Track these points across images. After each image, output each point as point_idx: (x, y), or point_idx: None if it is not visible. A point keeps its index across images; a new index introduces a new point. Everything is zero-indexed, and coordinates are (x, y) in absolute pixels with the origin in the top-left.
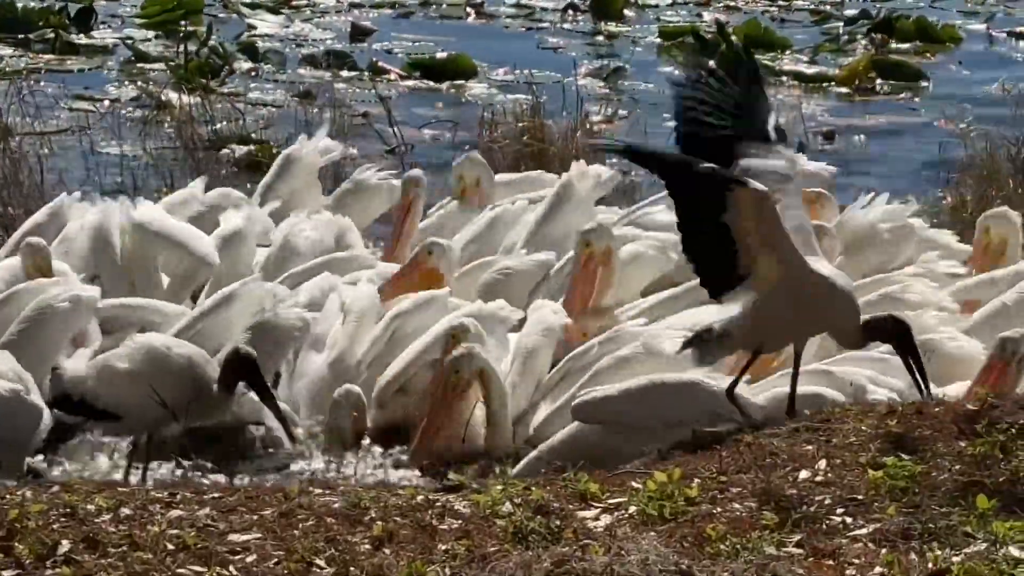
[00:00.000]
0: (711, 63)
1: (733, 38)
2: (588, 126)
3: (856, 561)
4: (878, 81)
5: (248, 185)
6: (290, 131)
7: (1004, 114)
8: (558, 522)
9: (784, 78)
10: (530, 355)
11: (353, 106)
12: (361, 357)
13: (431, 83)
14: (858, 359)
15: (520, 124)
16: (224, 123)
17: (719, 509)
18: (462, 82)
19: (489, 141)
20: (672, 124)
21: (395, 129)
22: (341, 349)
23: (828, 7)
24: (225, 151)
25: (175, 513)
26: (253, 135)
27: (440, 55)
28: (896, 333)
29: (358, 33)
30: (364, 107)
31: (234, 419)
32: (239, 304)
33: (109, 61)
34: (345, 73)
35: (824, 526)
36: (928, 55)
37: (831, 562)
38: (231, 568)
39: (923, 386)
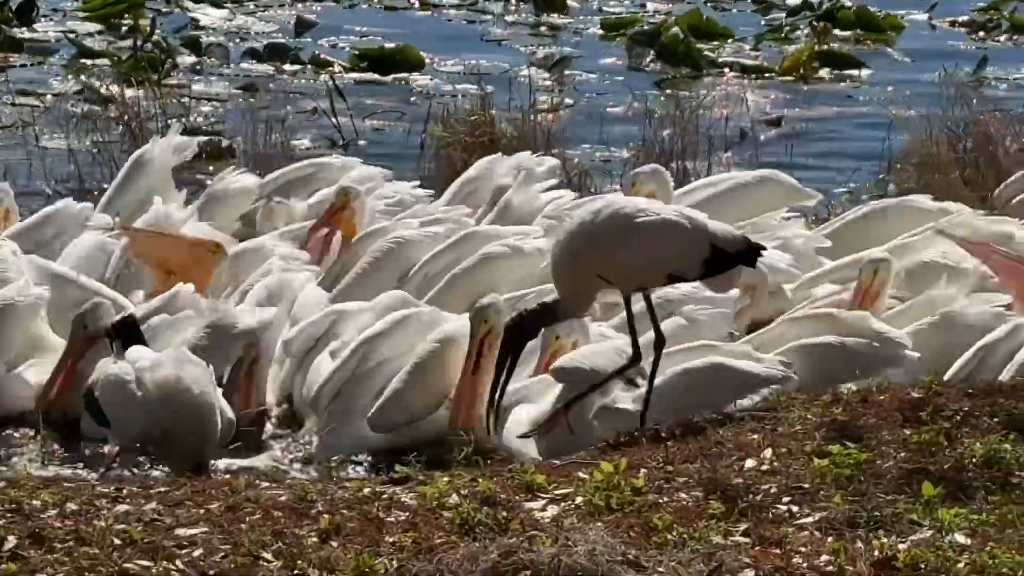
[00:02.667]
0: None
1: None
2: (536, 117)
3: (802, 549)
4: (822, 70)
5: (197, 176)
6: (238, 124)
7: (945, 102)
8: (505, 513)
9: (726, 68)
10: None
11: (299, 99)
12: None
13: (378, 75)
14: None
15: (472, 117)
16: (173, 118)
17: (666, 499)
18: (408, 74)
19: (441, 133)
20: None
21: (335, 120)
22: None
23: None
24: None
25: (121, 508)
26: (204, 128)
27: (388, 47)
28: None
29: (302, 26)
30: (310, 100)
31: None
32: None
33: (52, 56)
34: (289, 66)
35: (770, 515)
36: (870, 44)
37: (777, 551)
38: (178, 562)
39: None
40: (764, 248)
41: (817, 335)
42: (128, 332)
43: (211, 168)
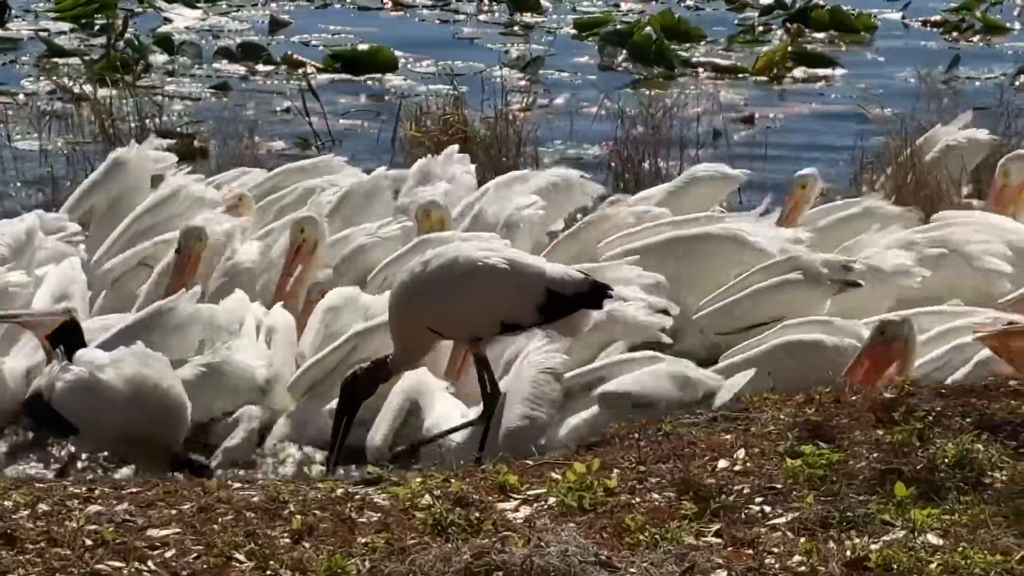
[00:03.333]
0: None
1: None
2: (510, 116)
3: (775, 550)
4: (794, 70)
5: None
6: (211, 123)
7: (918, 101)
8: (477, 514)
9: (699, 68)
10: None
11: (272, 99)
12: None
13: (351, 75)
14: None
15: (444, 117)
16: (147, 117)
17: (638, 499)
18: (381, 74)
19: (415, 132)
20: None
21: (308, 120)
22: None
23: None
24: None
25: (93, 508)
26: (179, 128)
27: (361, 47)
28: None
29: (276, 26)
30: (283, 100)
31: None
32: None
33: (24, 55)
34: (262, 66)
35: (743, 515)
36: (843, 44)
37: (750, 551)
38: (150, 563)
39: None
40: (610, 289)
41: None
42: (70, 336)
43: (183, 168)
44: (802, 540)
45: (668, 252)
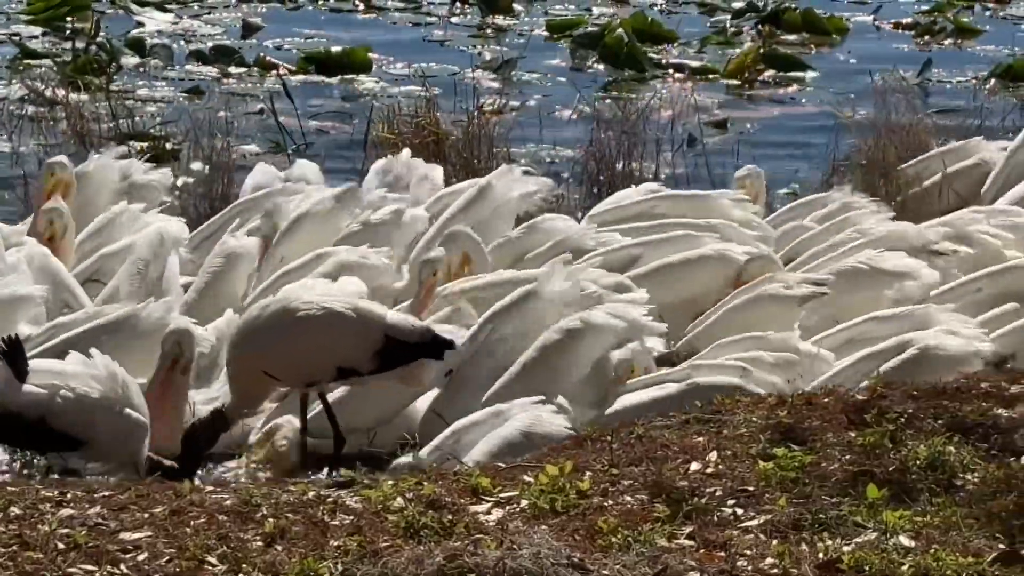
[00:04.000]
0: None
1: None
2: (482, 118)
3: (747, 552)
4: (766, 73)
5: None
6: (184, 126)
7: (889, 104)
8: (450, 516)
9: (671, 71)
10: None
11: (245, 101)
12: None
13: (324, 77)
14: None
15: (416, 119)
16: (122, 120)
17: (611, 502)
18: (354, 76)
19: (387, 134)
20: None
21: (279, 122)
22: None
23: (715, 0)
24: (122, 147)
25: (65, 512)
26: (152, 131)
27: (335, 49)
28: None
29: (249, 30)
30: (256, 103)
31: None
32: None
33: None
34: (234, 69)
35: (715, 518)
36: (814, 47)
37: (722, 553)
38: (122, 567)
39: None
40: (452, 343)
41: None
42: (15, 353)
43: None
44: (774, 542)
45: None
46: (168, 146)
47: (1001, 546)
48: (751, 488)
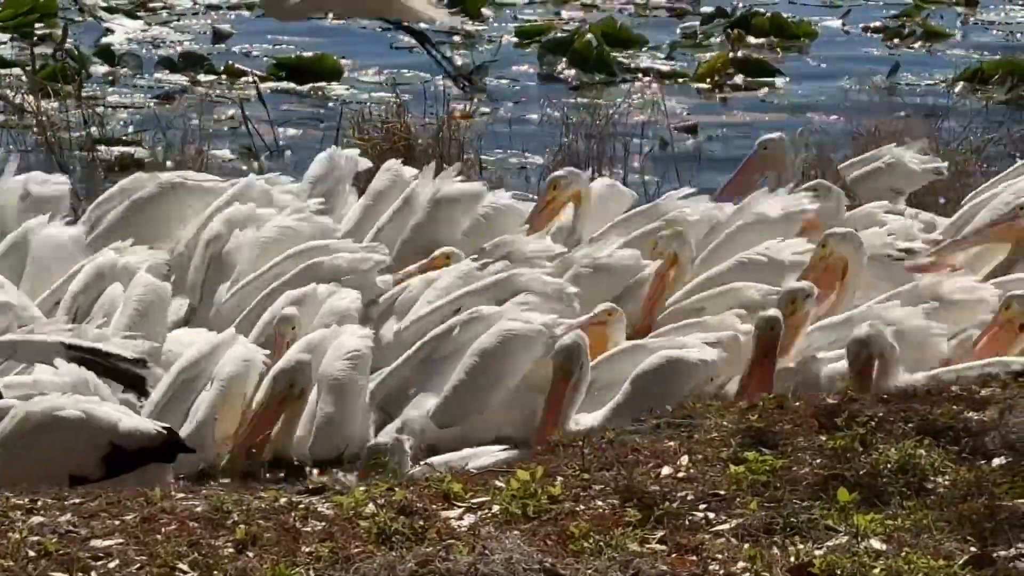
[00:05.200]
0: None
1: None
2: (453, 123)
3: (719, 556)
4: (736, 77)
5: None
6: (155, 133)
7: (859, 108)
8: (422, 522)
9: (640, 75)
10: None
11: (215, 108)
12: None
13: (295, 84)
14: None
15: (386, 125)
16: (91, 125)
17: (582, 507)
18: (325, 83)
19: (357, 140)
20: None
21: (250, 129)
22: None
23: (685, 5)
24: (93, 153)
25: (36, 520)
26: (124, 137)
27: (305, 55)
28: None
29: (219, 37)
30: (226, 110)
31: None
32: None
33: None
34: (204, 76)
35: (687, 522)
36: (784, 51)
37: (694, 557)
38: (93, 574)
39: None
40: (185, 447)
41: None
42: None
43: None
44: (746, 546)
45: None
46: (139, 153)
47: (972, 549)
48: (722, 492)
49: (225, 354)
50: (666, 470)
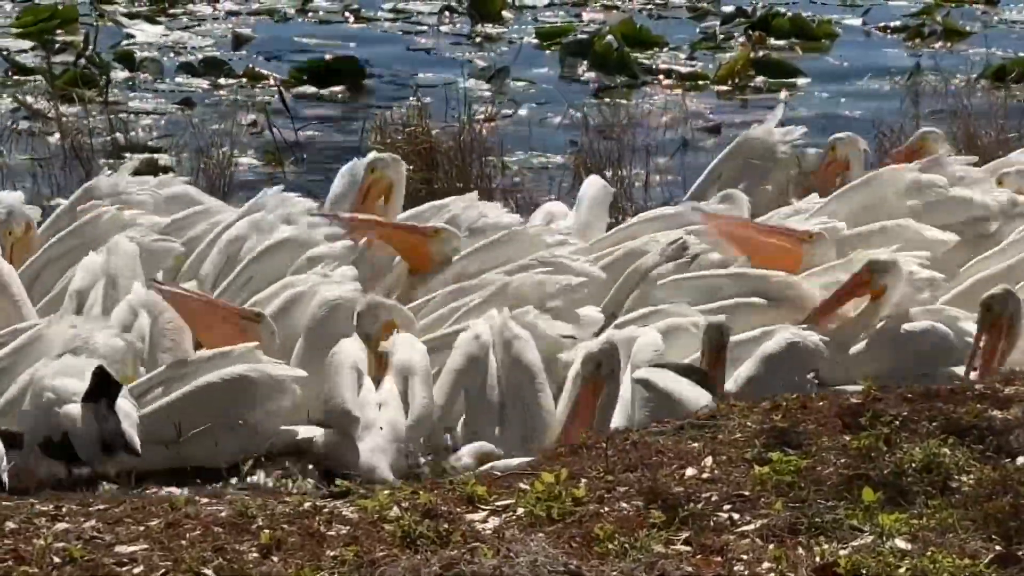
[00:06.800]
0: None
1: None
2: (477, 127)
3: (744, 557)
4: (757, 78)
5: None
6: (176, 138)
7: (881, 107)
8: (446, 525)
9: (661, 76)
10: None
11: (237, 113)
12: None
13: (317, 88)
14: None
15: (408, 128)
16: (116, 132)
17: (607, 508)
18: (347, 86)
19: (380, 143)
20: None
21: (273, 133)
22: None
23: (705, 5)
24: (118, 160)
25: (61, 526)
26: (150, 143)
27: (327, 59)
28: None
29: (240, 41)
30: (247, 114)
31: None
32: None
33: None
34: (224, 80)
35: (711, 523)
36: (804, 51)
37: (719, 558)
38: None
39: None
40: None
41: None
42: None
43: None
44: (771, 547)
45: None
46: (164, 159)
47: (998, 547)
48: (747, 493)
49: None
50: (690, 471)
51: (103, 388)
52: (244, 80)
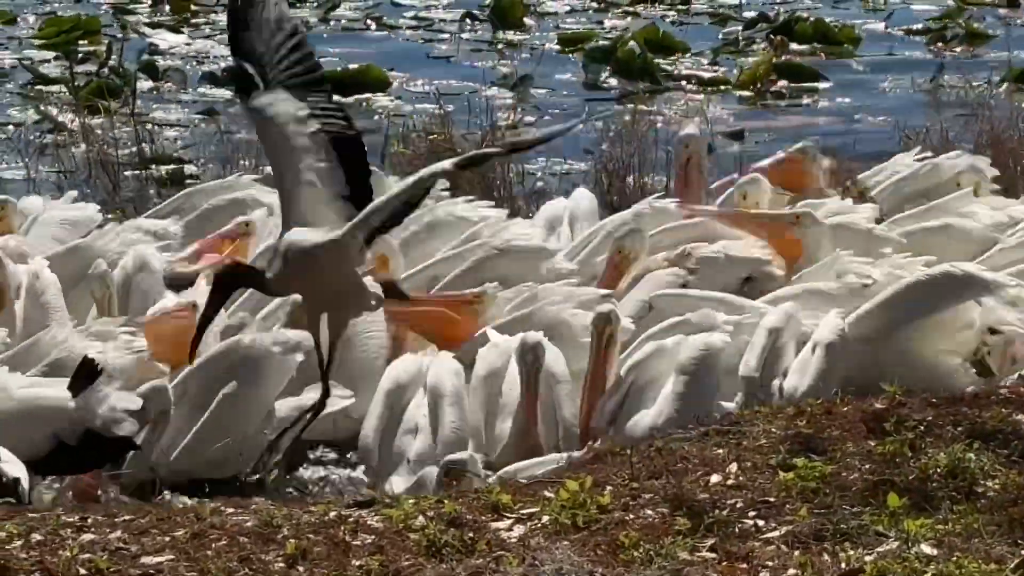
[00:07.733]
0: None
1: None
2: (500, 135)
3: (769, 564)
4: (780, 83)
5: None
6: (200, 148)
7: (905, 111)
8: (471, 534)
9: (684, 82)
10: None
11: None
12: None
13: (341, 96)
14: None
15: (430, 137)
16: (143, 142)
17: (632, 516)
18: (370, 95)
19: (402, 151)
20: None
21: None
22: None
23: (727, 10)
24: (145, 170)
25: (87, 537)
26: (175, 154)
27: (351, 67)
28: None
29: None
30: None
31: None
32: None
33: (8, 84)
34: None
35: (736, 530)
36: (827, 56)
37: (744, 565)
38: None
39: None
40: None
41: None
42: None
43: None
44: (796, 553)
45: None
46: (189, 169)
47: (1023, 552)
48: (772, 499)
49: None
50: (715, 478)
51: (91, 377)
52: None
